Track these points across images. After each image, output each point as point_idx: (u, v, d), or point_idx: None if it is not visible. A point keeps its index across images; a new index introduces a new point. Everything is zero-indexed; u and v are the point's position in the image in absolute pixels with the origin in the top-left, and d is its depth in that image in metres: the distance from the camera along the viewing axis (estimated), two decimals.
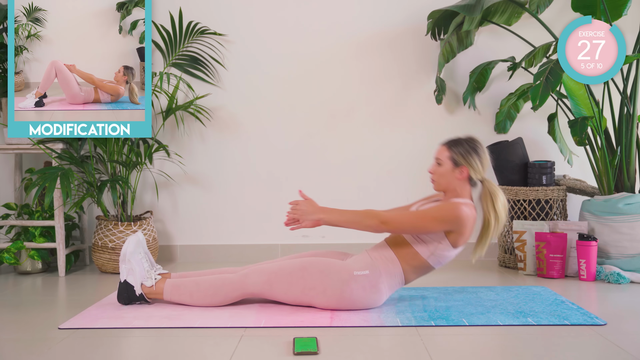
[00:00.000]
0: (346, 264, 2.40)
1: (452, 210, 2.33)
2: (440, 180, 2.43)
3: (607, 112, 3.32)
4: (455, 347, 2.00)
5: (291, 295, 2.41)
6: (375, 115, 3.67)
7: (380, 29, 3.65)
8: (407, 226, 2.35)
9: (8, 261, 3.18)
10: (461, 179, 2.41)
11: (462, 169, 2.40)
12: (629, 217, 3.00)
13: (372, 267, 2.38)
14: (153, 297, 2.51)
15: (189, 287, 2.48)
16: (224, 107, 3.67)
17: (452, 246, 2.38)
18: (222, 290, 2.44)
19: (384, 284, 2.39)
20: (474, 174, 2.41)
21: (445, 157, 2.42)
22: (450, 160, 2.40)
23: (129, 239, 2.50)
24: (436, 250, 2.38)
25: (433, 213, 2.34)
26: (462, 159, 2.39)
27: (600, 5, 3.04)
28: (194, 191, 3.69)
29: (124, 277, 2.50)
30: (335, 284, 2.36)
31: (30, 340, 2.11)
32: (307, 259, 2.42)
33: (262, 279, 2.41)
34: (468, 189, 2.44)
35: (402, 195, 3.67)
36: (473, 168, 2.40)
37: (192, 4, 3.63)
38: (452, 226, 2.34)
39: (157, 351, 2.01)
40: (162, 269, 2.62)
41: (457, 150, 2.40)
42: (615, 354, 1.90)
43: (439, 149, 2.45)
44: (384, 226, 2.34)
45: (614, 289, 2.81)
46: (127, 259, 2.48)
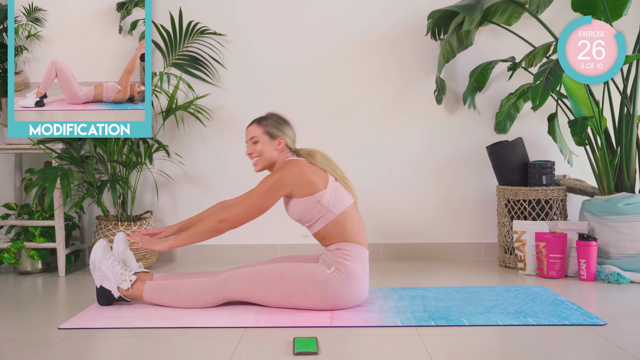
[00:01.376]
0: (319, 265, 2.41)
1: (271, 177, 2.40)
2: (264, 156, 2.49)
3: (607, 112, 3.32)
4: (455, 347, 2.00)
5: (273, 301, 2.42)
6: (376, 115, 3.67)
7: (380, 29, 3.65)
8: (244, 213, 2.39)
9: (8, 261, 3.18)
10: (280, 149, 2.49)
11: (280, 140, 2.48)
12: (629, 217, 3.00)
13: (332, 262, 2.39)
14: (132, 298, 2.51)
15: (168, 291, 2.46)
16: (224, 107, 3.67)
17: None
18: (202, 296, 2.44)
19: (353, 266, 2.39)
20: (291, 142, 2.51)
21: (259, 133, 2.49)
22: (265, 134, 2.48)
23: (96, 246, 2.50)
24: (322, 210, 2.40)
25: (257, 189, 2.39)
26: (276, 130, 2.48)
27: (600, 5, 3.04)
28: (194, 191, 3.69)
29: (99, 284, 2.50)
30: (314, 287, 2.36)
31: (30, 340, 2.11)
32: (283, 265, 2.41)
33: (241, 286, 2.41)
34: (289, 156, 2.51)
35: (402, 194, 3.67)
36: (288, 136, 2.50)
37: (192, 3, 3.63)
38: (283, 188, 2.38)
39: (157, 351, 2.01)
40: (142, 267, 2.62)
41: (269, 123, 2.49)
42: (615, 354, 1.90)
43: (249, 129, 2.52)
44: (223, 224, 2.39)
45: (614, 289, 2.81)
46: (97, 267, 2.48)
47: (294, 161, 2.44)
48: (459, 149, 3.66)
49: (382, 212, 3.66)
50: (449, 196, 3.67)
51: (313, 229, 2.45)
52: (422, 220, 3.67)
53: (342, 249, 2.41)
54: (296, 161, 2.44)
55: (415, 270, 3.29)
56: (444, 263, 3.51)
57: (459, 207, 3.67)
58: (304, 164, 2.43)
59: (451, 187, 3.68)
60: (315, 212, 2.40)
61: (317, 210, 2.39)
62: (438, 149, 3.66)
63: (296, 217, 2.46)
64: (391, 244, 3.66)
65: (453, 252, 3.66)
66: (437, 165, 3.67)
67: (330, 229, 2.42)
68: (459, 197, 3.67)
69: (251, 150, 2.50)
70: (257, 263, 2.64)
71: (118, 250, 2.59)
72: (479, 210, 3.66)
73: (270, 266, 2.42)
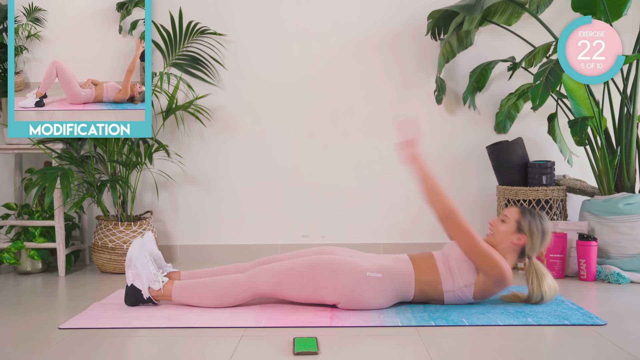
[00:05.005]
0: (358, 263, 2.38)
1: (502, 262, 2.35)
2: (497, 236, 2.46)
3: (607, 112, 3.32)
4: (455, 347, 2.00)
5: (302, 295, 2.39)
6: (376, 114, 3.67)
7: (380, 29, 3.65)
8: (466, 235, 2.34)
9: (8, 261, 3.18)
10: (516, 244, 2.44)
11: (521, 237, 2.43)
12: (629, 217, 3.00)
13: (387, 272, 2.37)
14: (161, 299, 2.48)
15: (197, 289, 2.44)
16: (223, 107, 3.67)
17: (472, 296, 2.40)
18: (231, 292, 2.41)
19: (393, 292, 2.38)
20: (529, 249, 2.44)
21: (513, 218, 2.45)
22: (515, 222, 2.44)
23: (134, 243, 2.46)
24: (457, 291, 2.39)
25: (490, 250, 2.34)
26: (527, 228, 2.42)
27: (600, 5, 3.04)
28: (194, 191, 3.69)
29: (131, 282, 2.46)
30: (347, 283, 2.34)
31: (30, 340, 2.11)
32: (318, 258, 2.39)
33: (272, 280, 2.39)
34: (514, 258, 2.47)
35: (402, 195, 3.67)
36: (532, 242, 2.43)
37: (192, 4, 3.63)
38: (492, 271, 2.34)
39: (157, 351, 2.01)
40: (171, 267, 2.61)
41: (527, 219, 2.43)
42: (615, 354, 1.90)
43: (511, 209, 2.49)
44: (452, 216, 2.37)
45: (614, 289, 2.81)
46: (132, 264, 2.44)
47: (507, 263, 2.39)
48: (459, 149, 3.66)
49: (382, 212, 3.66)
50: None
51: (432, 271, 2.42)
52: (422, 220, 3.66)
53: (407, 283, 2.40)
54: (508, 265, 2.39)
55: None
56: None
57: (459, 206, 3.66)
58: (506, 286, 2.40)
59: (451, 187, 3.66)
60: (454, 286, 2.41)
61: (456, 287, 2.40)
62: (438, 149, 3.66)
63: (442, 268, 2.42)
64: (391, 244, 3.66)
65: None
66: (437, 165, 3.66)
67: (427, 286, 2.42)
68: (459, 197, 3.66)
69: (494, 224, 2.49)
70: (285, 256, 2.60)
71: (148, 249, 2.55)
72: (479, 210, 3.66)
73: (304, 260, 2.39)
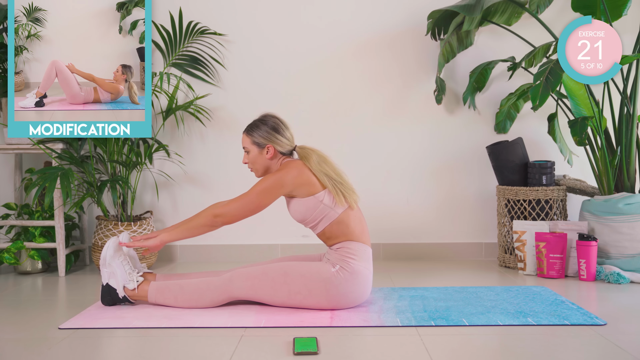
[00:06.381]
0: (323, 264, 2.42)
1: (271, 176, 2.42)
2: (256, 166, 2.53)
3: (607, 112, 3.32)
4: (455, 347, 2.00)
5: (278, 299, 2.42)
6: (376, 115, 3.67)
7: (380, 29, 3.65)
8: (240, 210, 2.42)
9: (8, 261, 3.18)
10: (270, 157, 2.50)
11: (268, 148, 2.49)
12: (629, 217, 3.00)
13: (337, 260, 2.40)
14: (136, 299, 2.51)
15: (173, 290, 2.46)
16: (224, 107, 3.67)
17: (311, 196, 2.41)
18: (207, 294, 2.44)
19: (357, 264, 2.39)
20: (282, 147, 2.51)
21: (248, 143, 2.52)
22: (254, 144, 2.50)
23: (109, 242, 2.51)
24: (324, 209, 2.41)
25: (256, 187, 2.42)
26: (263, 139, 2.49)
27: (600, 5, 3.04)
28: (194, 191, 3.69)
29: (106, 281, 2.50)
30: (319, 285, 2.37)
31: (30, 340, 2.11)
32: (288, 264, 2.42)
33: (246, 284, 2.42)
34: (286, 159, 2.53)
35: (402, 194, 3.67)
36: (278, 143, 2.50)
37: (192, 4, 3.63)
38: (282, 188, 2.40)
39: (157, 351, 2.01)
40: (146, 268, 2.62)
41: (255, 134, 2.50)
42: (615, 354, 1.90)
43: (242, 138, 2.55)
44: (219, 219, 2.43)
45: (614, 289, 2.81)
46: (107, 263, 2.48)
47: (293, 162, 2.47)
48: (459, 149, 3.66)
49: (382, 212, 3.66)
50: (449, 196, 3.67)
51: (317, 229, 2.46)
52: (422, 221, 3.67)
53: (346, 247, 2.42)
54: (295, 162, 2.46)
55: (415, 271, 3.29)
56: (444, 263, 3.51)
57: (459, 207, 3.67)
58: (302, 165, 2.44)
59: (451, 187, 3.68)
60: (319, 211, 2.41)
61: (320, 209, 2.41)
62: (438, 149, 3.66)
63: (299, 218, 2.47)
64: (391, 244, 3.66)
65: (453, 252, 3.66)
66: (437, 166, 3.67)
67: (335, 228, 2.43)
68: (459, 197, 3.67)
69: (245, 160, 2.55)
70: (260, 262, 2.64)
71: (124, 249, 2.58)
72: (479, 210, 3.66)
73: (275, 265, 2.43)
